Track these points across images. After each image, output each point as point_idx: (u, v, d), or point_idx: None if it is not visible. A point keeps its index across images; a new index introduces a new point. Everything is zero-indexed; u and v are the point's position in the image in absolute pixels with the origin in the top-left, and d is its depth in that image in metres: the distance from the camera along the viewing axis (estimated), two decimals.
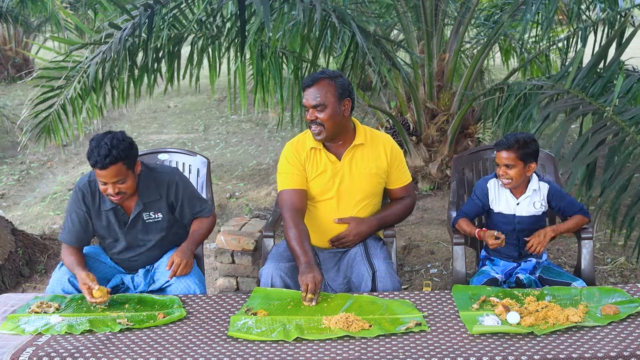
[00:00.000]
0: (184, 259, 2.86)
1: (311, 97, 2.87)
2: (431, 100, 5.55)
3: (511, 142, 2.84)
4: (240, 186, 6.24)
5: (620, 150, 3.46)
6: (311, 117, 2.88)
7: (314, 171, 2.98)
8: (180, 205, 2.97)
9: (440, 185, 5.70)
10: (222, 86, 8.53)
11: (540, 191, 2.95)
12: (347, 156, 2.97)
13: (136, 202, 2.88)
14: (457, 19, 5.55)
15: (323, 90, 2.86)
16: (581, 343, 2.21)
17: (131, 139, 2.80)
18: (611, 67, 4.04)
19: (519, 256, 2.99)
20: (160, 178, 2.93)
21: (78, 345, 2.30)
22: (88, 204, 2.89)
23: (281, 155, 3.05)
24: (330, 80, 2.88)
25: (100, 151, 2.66)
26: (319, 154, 2.98)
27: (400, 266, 4.40)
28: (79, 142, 7.77)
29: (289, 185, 2.97)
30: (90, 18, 8.77)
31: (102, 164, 2.66)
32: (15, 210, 6.01)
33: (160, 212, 2.94)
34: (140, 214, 2.90)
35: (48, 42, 10.28)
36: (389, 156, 3.01)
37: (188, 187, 3.01)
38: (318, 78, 2.88)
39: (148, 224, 2.94)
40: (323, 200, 3.00)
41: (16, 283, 4.38)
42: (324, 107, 2.86)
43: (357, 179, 2.97)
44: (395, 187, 3.09)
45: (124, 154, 2.70)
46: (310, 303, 2.57)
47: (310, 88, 2.87)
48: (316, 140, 2.95)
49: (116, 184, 2.73)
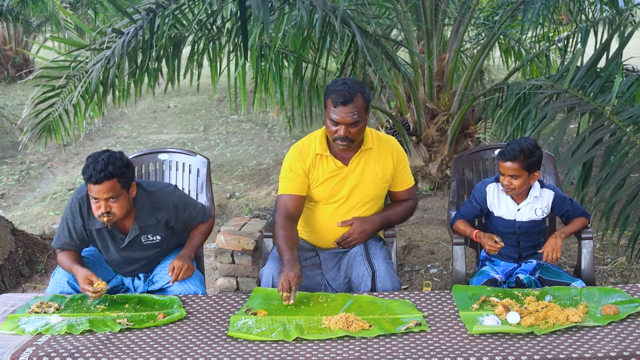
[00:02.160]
0: (185, 264, 2.86)
1: (348, 115, 2.75)
2: (431, 100, 5.55)
3: (516, 153, 2.78)
4: (240, 186, 6.24)
5: (617, 149, 3.47)
6: (344, 134, 2.79)
7: (320, 177, 2.94)
8: (181, 224, 2.97)
9: (440, 185, 5.70)
10: (223, 86, 8.54)
11: (544, 198, 2.93)
12: (355, 161, 2.94)
13: (132, 226, 2.83)
14: (457, 19, 5.55)
15: (359, 107, 2.77)
16: (581, 343, 2.21)
17: (129, 160, 2.75)
18: (610, 66, 4.04)
19: (519, 257, 2.99)
20: (157, 203, 2.86)
21: (78, 345, 2.30)
22: (84, 216, 2.83)
23: (286, 158, 3.01)
24: (362, 95, 2.79)
25: (96, 166, 2.62)
26: (325, 160, 2.94)
27: (400, 266, 4.40)
28: (79, 142, 7.78)
29: (288, 190, 2.95)
30: (90, 18, 8.76)
31: (97, 178, 2.61)
32: (15, 210, 6.01)
33: (159, 235, 2.91)
34: (138, 237, 2.86)
35: (48, 42, 10.27)
36: (395, 160, 2.99)
37: (187, 207, 2.96)
38: (353, 94, 2.75)
39: (146, 245, 2.92)
40: (328, 204, 2.99)
41: (16, 283, 4.38)
42: (358, 123, 2.79)
43: (364, 184, 2.95)
44: (399, 190, 3.07)
45: (120, 171, 2.66)
46: (287, 302, 2.55)
47: (344, 106, 2.74)
48: (339, 150, 2.89)
49: (108, 200, 2.66)
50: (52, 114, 4.71)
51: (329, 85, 2.85)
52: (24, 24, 10.78)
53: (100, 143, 8.07)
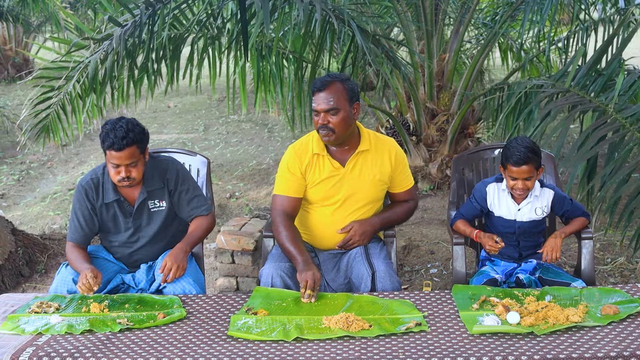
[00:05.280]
0: (175, 263, 2.85)
1: (323, 101, 2.78)
2: (431, 100, 5.55)
3: (527, 155, 2.77)
4: (240, 186, 6.24)
5: (620, 146, 3.47)
6: (323, 122, 2.79)
7: (316, 178, 2.93)
8: (178, 194, 2.99)
9: (440, 185, 5.69)
10: (222, 86, 8.53)
11: (544, 197, 2.94)
12: (352, 162, 2.92)
13: (140, 191, 2.94)
14: (457, 19, 5.55)
15: (336, 93, 2.78)
16: (581, 343, 2.21)
17: (143, 126, 2.89)
18: (611, 64, 4.04)
19: (519, 257, 2.99)
20: (162, 165, 3.00)
21: (78, 345, 2.30)
22: (92, 200, 2.94)
23: (283, 158, 3.00)
24: (342, 83, 2.81)
25: (117, 133, 2.76)
26: (322, 160, 2.93)
27: (400, 266, 4.40)
28: (79, 142, 7.77)
29: (284, 191, 2.94)
30: (90, 18, 8.77)
31: (119, 145, 2.74)
32: (15, 210, 6.01)
33: (164, 201, 2.98)
34: (145, 202, 2.95)
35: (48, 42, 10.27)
36: (393, 162, 2.97)
37: (187, 179, 3.04)
38: (329, 81, 2.79)
39: (152, 213, 2.98)
40: (325, 206, 2.97)
41: (16, 283, 4.38)
42: (337, 111, 2.79)
43: (361, 186, 2.93)
44: (399, 191, 3.06)
45: (139, 137, 2.81)
46: (309, 300, 2.57)
47: (321, 92, 2.78)
48: (324, 142, 2.88)
49: (129, 166, 2.80)
50: (50, 114, 4.71)
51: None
52: (24, 24, 10.78)
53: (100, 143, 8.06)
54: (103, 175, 2.95)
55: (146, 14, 3.80)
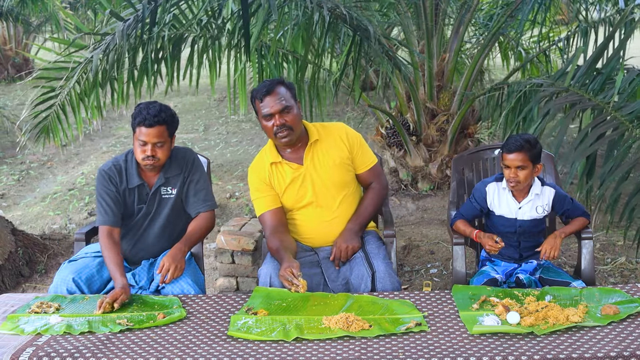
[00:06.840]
0: (172, 264, 2.86)
1: (275, 102, 2.86)
2: (431, 100, 5.55)
3: (521, 143, 2.80)
4: (240, 186, 6.24)
5: (619, 143, 3.48)
6: (280, 122, 2.87)
7: (282, 185, 3.01)
8: (189, 182, 3.04)
9: (440, 185, 5.69)
10: (222, 86, 8.53)
11: (545, 195, 2.94)
12: (308, 156, 2.99)
13: (159, 175, 2.99)
14: (457, 18, 5.55)
15: (284, 94, 2.89)
16: (581, 343, 2.21)
17: (175, 112, 2.99)
18: (611, 63, 4.04)
19: (519, 258, 2.99)
20: (181, 152, 3.07)
21: (78, 345, 2.30)
22: (116, 184, 2.98)
23: (248, 181, 3.11)
24: (283, 85, 2.92)
25: (150, 111, 2.85)
26: (281, 167, 3.01)
27: (400, 266, 4.40)
28: (79, 142, 7.78)
29: (263, 208, 3.03)
30: (90, 18, 8.76)
31: (151, 121, 2.83)
32: (15, 210, 6.01)
33: (176, 189, 3.03)
34: (159, 188, 3.00)
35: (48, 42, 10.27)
36: (347, 142, 3.03)
37: (201, 170, 3.11)
38: (274, 84, 2.90)
39: (162, 199, 3.03)
40: (302, 207, 3.03)
41: (16, 283, 4.38)
42: (290, 108, 2.89)
43: (325, 175, 2.99)
44: (363, 171, 3.09)
45: (170, 119, 2.90)
46: (297, 289, 2.63)
47: (269, 96, 2.87)
48: (284, 143, 2.94)
49: (155, 146, 2.87)
50: (50, 115, 4.71)
51: (251, 92, 2.99)
52: (24, 24, 10.77)
53: (100, 143, 8.07)
54: (126, 162, 3.01)
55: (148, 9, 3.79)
